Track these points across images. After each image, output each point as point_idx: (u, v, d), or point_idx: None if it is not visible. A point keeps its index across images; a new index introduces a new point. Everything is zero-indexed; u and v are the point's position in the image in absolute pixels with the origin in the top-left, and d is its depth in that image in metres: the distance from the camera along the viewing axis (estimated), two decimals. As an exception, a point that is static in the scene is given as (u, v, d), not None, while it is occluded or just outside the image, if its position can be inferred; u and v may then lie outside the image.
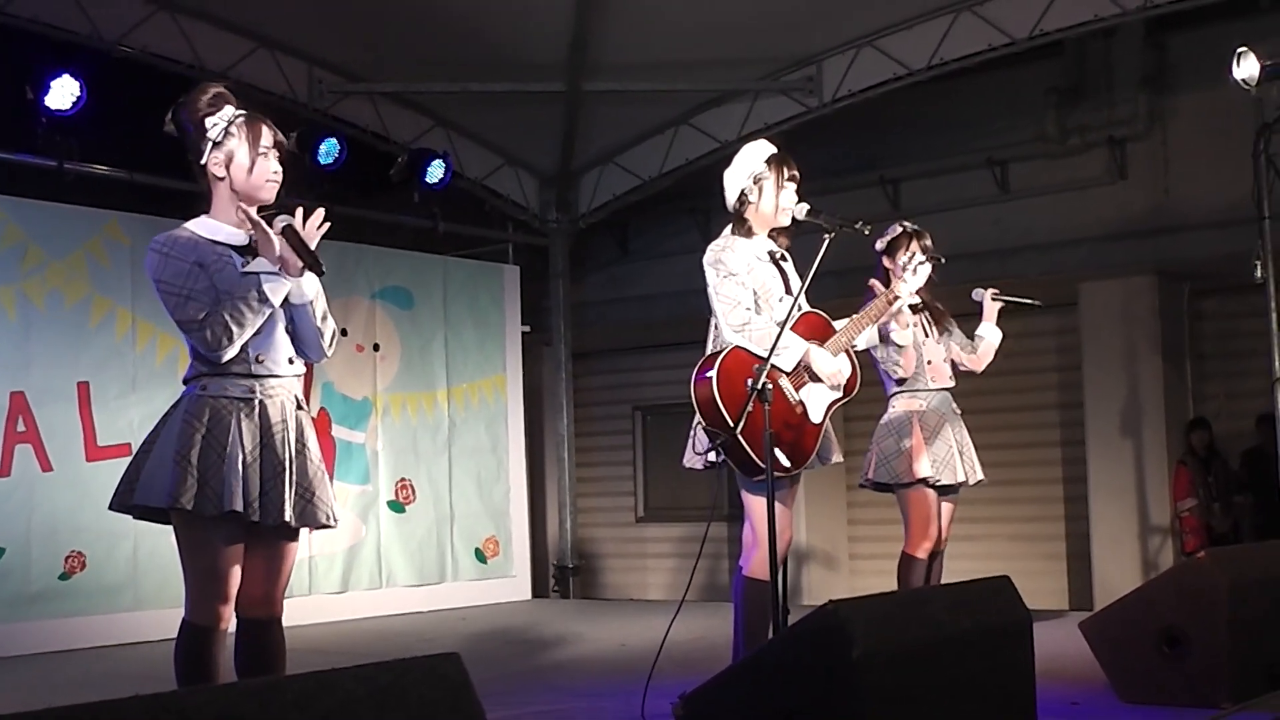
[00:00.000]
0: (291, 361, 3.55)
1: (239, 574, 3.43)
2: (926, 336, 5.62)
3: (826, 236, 4.29)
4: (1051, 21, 8.59)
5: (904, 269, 5.16)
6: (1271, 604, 4.54)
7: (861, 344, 4.82)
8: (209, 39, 8.60)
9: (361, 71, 9.54)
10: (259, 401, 3.46)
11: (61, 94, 7.42)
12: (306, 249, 3.45)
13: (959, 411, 5.69)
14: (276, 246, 3.46)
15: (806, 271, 4.34)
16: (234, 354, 3.42)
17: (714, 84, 10.05)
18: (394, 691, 2.19)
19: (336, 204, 6.83)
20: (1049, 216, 10.24)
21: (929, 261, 5.40)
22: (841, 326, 4.59)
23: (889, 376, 5.57)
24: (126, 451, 7.31)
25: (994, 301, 5.78)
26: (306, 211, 3.51)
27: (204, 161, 3.51)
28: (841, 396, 4.56)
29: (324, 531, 3.92)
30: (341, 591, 8.94)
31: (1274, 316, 6.45)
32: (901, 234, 5.56)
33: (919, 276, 5.12)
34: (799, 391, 4.44)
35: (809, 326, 4.52)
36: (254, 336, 3.44)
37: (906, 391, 5.59)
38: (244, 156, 3.49)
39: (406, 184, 9.43)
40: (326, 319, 3.61)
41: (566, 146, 10.56)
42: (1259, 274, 6.41)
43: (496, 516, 10.05)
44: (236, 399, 3.44)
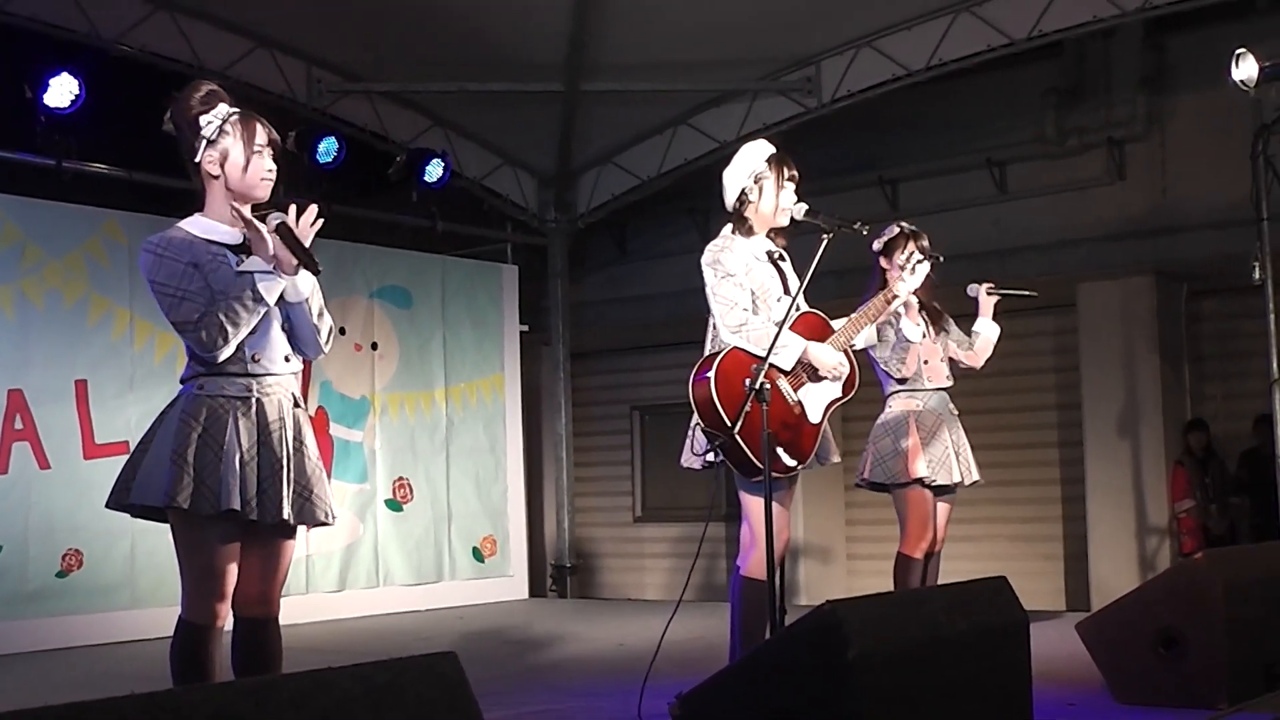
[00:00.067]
0: (288, 359, 3.54)
1: (236, 572, 3.42)
2: (924, 336, 5.63)
3: (825, 237, 4.29)
4: (1050, 22, 8.59)
5: (902, 268, 5.16)
6: (1268, 605, 4.54)
7: (860, 343, 4.82)
8: (208, 38, 8.60)
9: (360, 71, 9.53)
10: (256, 400, 3.45)
11: (60, 93, 7.41)
12: (301, 246, 3.43)
13: (956, 412, 5.69)
14: (270, 245, 3.44)
15: (805, 272, 4.34)
16: (230, 353, 3.40)
17: (713, 84, 10.05)
18: (391, 690, 2.19)
19: (335, 203, 6.85)
20: (1048, 217, 10.23)
21: (927, 261, 5.40)
22: (840, 326, 4.59)
23: (887, 376, 5.58)
24: (124, 450, 7.27)
25: (989, 296, 5.78)
26: (300, 209, 3.50)
27: (198, 159, 3.48)
28: (840, 396, 4.56)
29: (321, 530, 3.90)
30: (339, 590, 8.93)
31: (1272, 317, 6.45)
32: (899, 234, 5.56)
33: (917, 276, 5.12)
34: (797, 392, 4.44)
35: (807, 326, 4.51)
36: (250, 335, 3.43)
37: (904, 391, 5.59)
38: (239, 154, 3.47)
39: (405, 183, 9.43)
40: (323, 315, 3.59)
41: (565, 146, 10.56)
42: (1257, 275, 6.42)
43: (494, 516, 10.05)
44: (233, 398, 3.42)
